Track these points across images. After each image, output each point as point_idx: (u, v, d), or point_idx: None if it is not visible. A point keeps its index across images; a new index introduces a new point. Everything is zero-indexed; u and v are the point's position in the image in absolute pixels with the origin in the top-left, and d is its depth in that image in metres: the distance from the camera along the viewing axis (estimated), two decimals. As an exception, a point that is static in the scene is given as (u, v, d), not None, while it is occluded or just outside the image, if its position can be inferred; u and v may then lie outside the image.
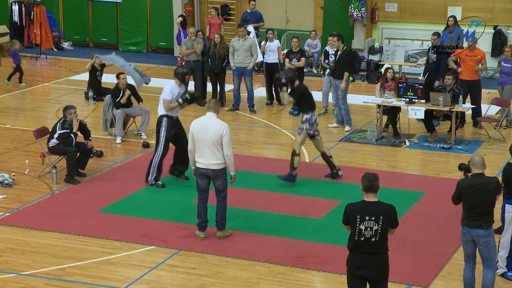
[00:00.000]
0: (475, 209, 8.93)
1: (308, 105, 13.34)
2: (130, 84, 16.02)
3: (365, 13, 22.62)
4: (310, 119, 13.26)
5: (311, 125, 13.27)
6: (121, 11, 25.63)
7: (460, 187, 9.06)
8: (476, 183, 8.96)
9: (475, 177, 9.02)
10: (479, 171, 9.01)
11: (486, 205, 8.96)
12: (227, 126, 10.87)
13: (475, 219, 8.94)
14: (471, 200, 8.93)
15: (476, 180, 8.98)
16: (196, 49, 18.34)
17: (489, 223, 9.02)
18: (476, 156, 9.12)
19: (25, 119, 17.57)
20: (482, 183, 8.96)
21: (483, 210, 8.95)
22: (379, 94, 16.54)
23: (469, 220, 8.97)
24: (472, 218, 8.95)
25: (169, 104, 12.99)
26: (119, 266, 10.41)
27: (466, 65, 16.76)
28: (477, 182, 8.96)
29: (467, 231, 9.02)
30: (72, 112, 13.49)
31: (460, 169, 9.33)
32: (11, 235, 11.39)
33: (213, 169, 10.82)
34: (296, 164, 13.27)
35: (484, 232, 8.96)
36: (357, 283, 8.05)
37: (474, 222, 8.95)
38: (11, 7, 24.67)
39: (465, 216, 9.02)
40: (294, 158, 13.25)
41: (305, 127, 13.26)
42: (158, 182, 13.21)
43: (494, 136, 16.10)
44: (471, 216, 8.96)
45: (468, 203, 8.97)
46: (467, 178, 9.12)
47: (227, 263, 10.52)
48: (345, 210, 8.03)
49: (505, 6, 22.20)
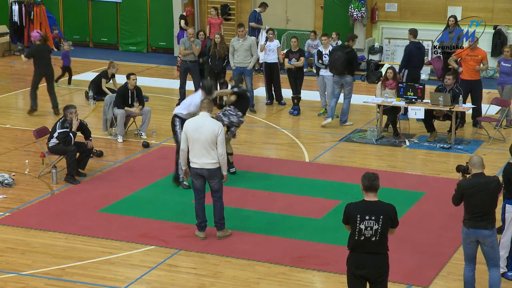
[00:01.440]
0: (478, 209, 8.91)
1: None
2: (137, 86, 16.04)
3: (365, 13, 22.62)
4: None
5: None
6: (121, 11, 25.63)
7: (461, 187, 9.05)
8: (477, 182, 8.95)
9: (475, 177, 9.02)
10: (478, 171, 9.01)
11: (489, 204, 8.96)
12: (222, 125, 10.90)
13: (479, 220, 8.93)
14: (473, 200, 8.92)
15: (477, 180, 8.97)
16: (194, 50, 18.31)
17: (493, 222, 9.03)
18: (474, 157, 9.12)
19: (25, 119, 17.57)
20: (484, 182, 8.95)
21: (486, 210, 8.95)
22: (379, 92, 16.54)
23: (474, 221, 8.94)
24: (477, 219, 8.93)
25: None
26: (119, 266, 10.41)
27: (467, 65, 16.75)
28: (479, 182, 8.95)
29: (472, 233, 8.99)
30: (73, 112, 13.50)
31: (458, 171, 9.33)
32: (11, 235, 11.39)
33: (208, 168, 10.82)
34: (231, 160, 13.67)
35: (489, 232, 8.96)
36: (357, 283, 8.05)
37: (479, 223, 8.93)
38: (11, 7, 24.66)
39: (469, 217, 9.00)
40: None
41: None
42: (185, 182, 13.09)
43: (494, 136, 16.10)
44: (475, 217, 8.93)
45: (470, 203, 8.96)
46: (468, 179, 9.11)
47: (227, 263, 10.52)
48: (345, 210, 8.03)
49: (505, 6, 22.20)
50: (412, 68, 17.47)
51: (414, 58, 17.51)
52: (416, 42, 17.66)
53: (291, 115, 18.10)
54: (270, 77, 18.84)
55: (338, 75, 16.95)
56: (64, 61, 20.61)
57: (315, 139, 16.32)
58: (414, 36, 17.68)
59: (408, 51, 17.55)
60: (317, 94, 18.44)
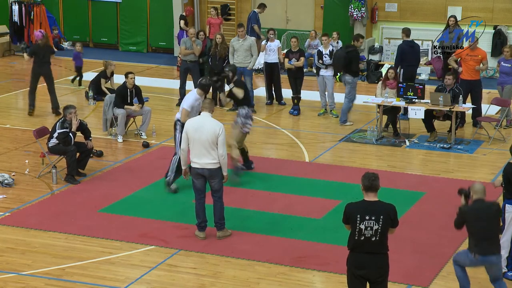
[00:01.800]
0: (483, 235, 8.89)
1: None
2: (136, 85, 16.05)
3: (365, 13, 22.62)
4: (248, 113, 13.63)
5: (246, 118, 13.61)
6: (121, 11, 25.63)
7: (463, 212, 9.03)
8: (478, 208, 8.96)
9: (476, 203, 9.02)
10: (480, 197, 9.03)
11: (493, 229, 8.98)
12: (223, 126, 10.88)
13: (486, 245, 8.90)
14: (476, 225, 8.91)
15: (478, 205, 8.98)
16: (195, 50, 18.32)
17: (499, 246, 9.06)
18: (477, 184, 9.14)
19: (25, 119, 17.57)
20: (485, 207, 8.97)
21: (491, 235, 8.95)
22: (379, 92, 16.54)
23: (481, 248, 8.90)
24: (483, 246, 8.90)
25: (186, 116, 12.43)
26: (119, 266, 10.41)
27: (467, 65, 16.75)
28: (480, 207, 8.96)
29: (480, 260, 8.95)
30: (72, 112, 13.50)
31: (460, 194, 9.33)
32: (11, 235, 11.40)
33: (209, 168, 10.82)
34: (234, 155, 13.52)
35: (497, 258, 8.99)
36: (357, 282, 8.05)
37: (486, 249, 8.91)
38: (11, 7, 24.66)
39: (475, 244, 8.94)
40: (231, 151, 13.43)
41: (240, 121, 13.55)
42: (172, 185, 13.01)
43: (494, 136, 16.09)
44: (481, 243, 8.90)
45: (474, 229, 8.94)
46: (469, 204, 9.12)
47: (227, 263, 10.52)
48: (345, 210, 8.03)
49: (505, 6, 22.20)
50: (407, 67, 17.52)
51: (408, 57, 17.57)
52: (409, 41, 17.71)
53: (291, 115, 18.10)
54: (271, 77, 18.85)
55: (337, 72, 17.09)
56: (76, 62, 20.56)
57: (315, 139, 16.32)
58: (407, 35, 17.76)
59: (401, 50, 17.68)
60: (317, 94, 18.44)
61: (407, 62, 17.57)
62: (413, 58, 17.71)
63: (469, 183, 13.51)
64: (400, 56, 17.64)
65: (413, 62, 17.73)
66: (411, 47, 17.68)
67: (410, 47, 17.65)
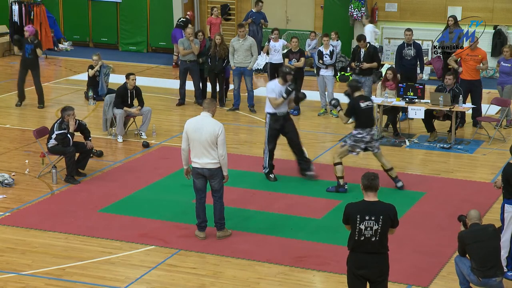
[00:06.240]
0: (484, 258, 8.92)
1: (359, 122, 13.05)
2: (137, 86, 16.05)
3: (365, 13, 22.62)
4: (355, 136, 13.09)
5: (356, 141, 13.09)
6: (121, 11, 25.63)
7: (461, 238, 9.13)
8: (475, 229, 9.08)
9: (472, 226, 9.15)
10: (475, 222, 9.16)
11: (493, 251, 9.01)
12: (222, 126, 10.86)
13: (489, 268, 8.94)
14: (475, 246, 8.96)
15: (474, 228, 9.10)
16: (194, 50, 18.32)
17: (502, 268, 9.11)
18: (472, 211, 9.25)
19: (25, 119, 17.57)
20: (480, 229, 9.07)
21: (492, 257, 8.98)
22: (379, 93, 16.55)
23: (483, 272, 8.94)
24: (485, 269, 8.94)
25: (275, 101, 13.24)
26: (119, 266, 10.41)
27: (467, 65, 16.75)
28: (476, 229, 9.08)
29: (483, 283, 9.00)
30: (70, 114, 13.49)
31: (459, 221, 9.52)
32: (11, 235, 11.40)
33: (209, 168, 10.82)
34: (338, 174, 13.10)
35: (499, 283, 9.02)
36: (357, 282, 8.05)
37: (488, 272, 8.94)
38: (11, 7, 24.65)
39: (478, 267, 8.98)
40: (334, 168, 13.13)
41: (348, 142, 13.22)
42: (270, 175, 13.62)
43: (494, 136, 16.10)
44: (483, 267, 8.94)
45: (474, 253, 8.99)
46: (466, 230, 9.23)
47: (227, 263, 10.52)
48: (345, 210, 8.03)
49: (505, 6, 22.20)
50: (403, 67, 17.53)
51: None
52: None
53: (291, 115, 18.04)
54: (275, 77, 18.79)
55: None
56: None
57: (315, 139, 16.32)
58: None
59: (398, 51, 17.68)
60: (317, 94, 18.43)
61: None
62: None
63: (469, 183, 13.63)
64: (398, 57, 17.63)
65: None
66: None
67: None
